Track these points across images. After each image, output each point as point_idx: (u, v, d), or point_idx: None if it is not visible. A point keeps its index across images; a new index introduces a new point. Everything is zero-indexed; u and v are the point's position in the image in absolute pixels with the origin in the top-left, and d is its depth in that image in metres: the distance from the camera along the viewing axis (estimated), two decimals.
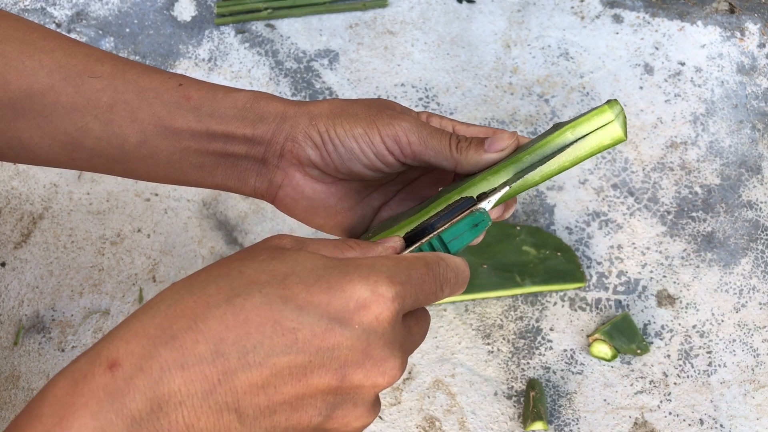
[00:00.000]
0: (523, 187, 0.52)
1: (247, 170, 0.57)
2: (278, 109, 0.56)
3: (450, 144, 0.54)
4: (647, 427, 0.74)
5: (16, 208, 0.81)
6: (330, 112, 0.55)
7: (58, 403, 0.39)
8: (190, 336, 0.40)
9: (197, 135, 0.56)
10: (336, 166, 0.55)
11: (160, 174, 0.58)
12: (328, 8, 0.91)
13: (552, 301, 0.79)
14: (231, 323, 0.40)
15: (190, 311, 0.41)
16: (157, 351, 0.40)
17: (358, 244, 0.47)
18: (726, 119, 0.87)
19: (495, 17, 0.91)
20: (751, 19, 0.92)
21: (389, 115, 0.55)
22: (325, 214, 0.58)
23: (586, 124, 0.50)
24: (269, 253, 0.44)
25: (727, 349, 0.77)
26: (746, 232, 0.82)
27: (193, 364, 0.40)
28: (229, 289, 0.41)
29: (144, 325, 0.41)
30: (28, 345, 0.76)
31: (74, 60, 0.56)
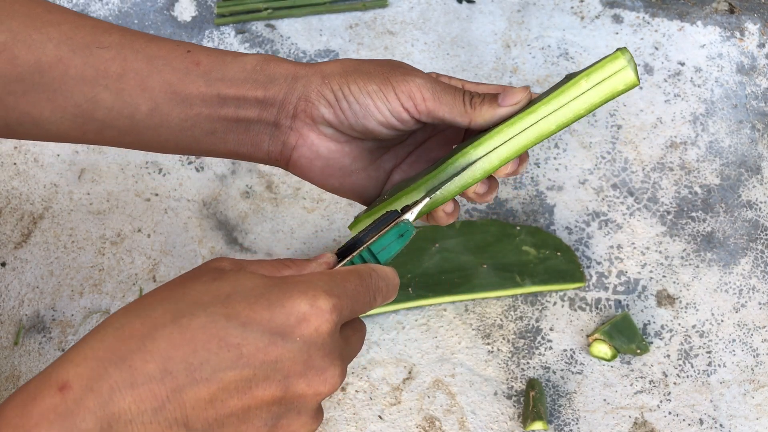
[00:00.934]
0: (541, 136, 0.53)
1: (260, 134, 0.57)
2: (289, 70, 0.56)
3: (464, 100, 0.55)
4: (647, 426, 0.74)
5: (16, 208, 0.82)
6: (342, 70, 0.56)
7: (9, 425, 0.40)
8: (138, 356, 0.41)
9: (208, 100, 0.56)
10: (350, 124, 0.56)
11: (171, 143, 0.57)
12: (328, 8, 0.91)
13: (552, 301, 0.79)
14: (178, 342, 0.42)
15: (138, 333, 0.42)
16: (107, 372, 0.41)
17: (293, 262, 0.50)
18: (726, 119, 0.87)
19: (495, 17, 0.91)
20: (751, 20, 0.92)
21: (402, 72, 0.55)
22: (341, 174, 0.58)
23: (600, 71, 0.51)
24: (211, 275, 0.46)
25: (727, 349, 0.77)
26: (746, 232, 0.82)
27: (142, 383, 0.41)
28: (175, 310, 0.43)
29: (93, 348, 0.42)
30: (29, 345, 0.76)
31: (82, 32, 0.56)
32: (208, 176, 0.83)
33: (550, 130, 0.53)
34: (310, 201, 0.82)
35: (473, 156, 0.54)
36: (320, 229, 0.81)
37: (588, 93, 0.51)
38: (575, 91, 0.52)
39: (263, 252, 0.80)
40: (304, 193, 0.83)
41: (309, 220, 0.82)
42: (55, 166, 0.83)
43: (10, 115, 0.56)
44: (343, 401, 0.74)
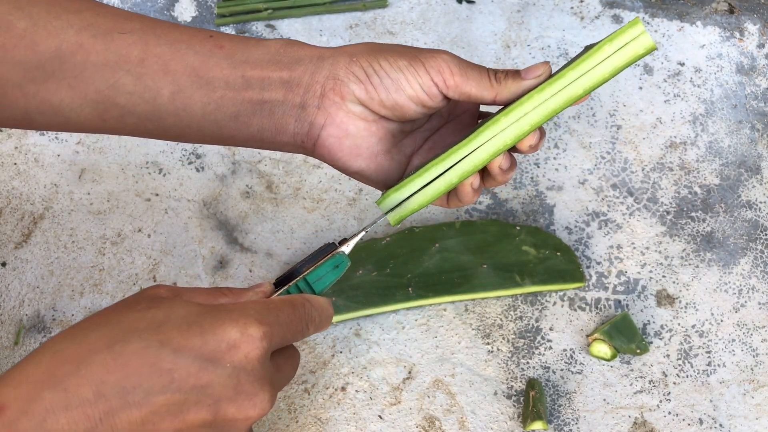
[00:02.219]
0: (570, 100, 0.56)
1: (286, 116, 0.57)
2: (313, 52, 0.57)
3: (489, 75, 0.57)
4: (647, 426, 0.74)
5: (16, 208, 0.82)
6: (369, 49, 0.56)
7: None
8: (73, 380, 0.43)
9: (232, 82, 0.55)
10: (381, 99, 0.56)
11: (193, 129, 0.57)
12: (328, 9, 0.91)
13: (551, 300, 0.79)
14: (112, 367, 0.43)
15: (73, 357, 0.44)
16: (42, 394, 0.42)
17: (230, 291, 0.51)
18: (725, 119, 0.87)
19: (495, 18, 0.91)
20: (751, 20, 0.92)
21: (428, 50, 0.57)
22: (368, 154, 0.58)
23: (621, 37, 0.55)
24: (147, 302, 0.47)
25: (727, 349, 0.77)
26: (745, 232, 0.82)
27: (76, 406, 0.43)
28: (110, 336, 0.44)
29: (30, 371, 0.43)
30: (29, 345, 0.76)
31: (102, 19, 0.55)
32: (209, 176, 0.83)
33: (578, 94, 0.55)
34: (310, 201, 0.82)
35: (504, 123, 0.56)
36: (320, 229, 0.81)
37: (612, 57, 0.55)
38: (600, 56, 0.55)
39: (263, 252, 0.80)
40: (304, 193, 0.83)
41: (309, 220, 0.82)
42: (56, 166, 0.83)
43: (30, 102, 0.55)
44: (343, 401, 0.74)
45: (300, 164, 0.84)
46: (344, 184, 0.83)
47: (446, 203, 0.60)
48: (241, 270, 0.80)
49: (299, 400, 0.74)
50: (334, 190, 0.83)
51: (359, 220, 0.82)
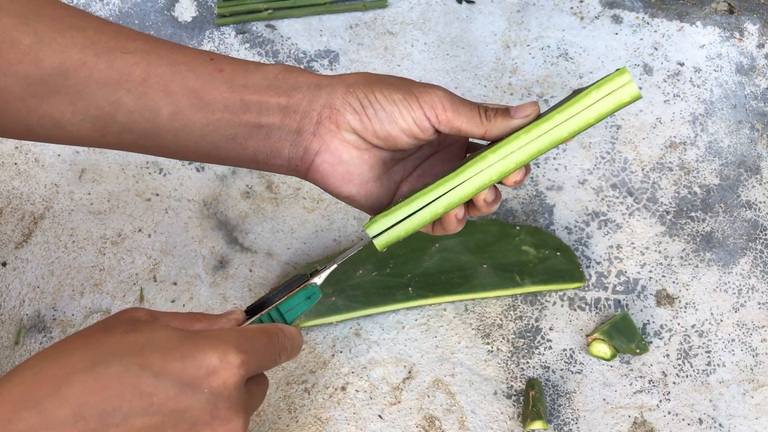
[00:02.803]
0: (555, 142, 0.58)
1: (281, 141, 0.59)
2: (311, 80, 0.58)
3: (480, 112, 0.58)
4: (646, 426, 0.74)
5: (17, 208, 0.82)
6: (365, 80, 0.58)
7: None
8: (53, 400, 0.43)
9: (230, 106, 0.57)
10: (375, 130, 0.58)
11: (190, 148, 0.58)
12: (328, 9, 0.91)
13: (551, 300, 0.79)
14: (92, 388, 0.44)
15: (54, 378, 0.44)
16: (21, 414, 0.43)
17: (204, 317, 0.52)
18: (725, 119, 0.87)
19: (494, 18, 0.91)
20: (750, 20, 0.92)
21: (422, 85, 0.59)
22: (359, 181, 0.60)
23: (608, 84, 0.57)
24: (127, 325, 0.48)
25: (726, 349, 0.77)
26: (745, 231, 0.82)
27: (54, 426, 0.43)
28: (92, 357, 0.45)
29: (10, 391, 0.44)
30: (29, 345, 0.76)
31: (106, 36, 0.57)
32: (209, 176, 0.83)
33: (563, 137, 0.57)
34: (310, 201, 0.82)
35: (491, 160, 0.58)
36: (320, 229, 0.81)
37: (598, 103, 0.57)
38: (587, 101, 0.57)
39: (263, 252, 0.80)
40: (304, 193, 0.83)
41: (309, 220, 0.82)
42: (56, 166, 0.83)
43: (32, 116, 0.56)
44: (343, 401, 0.74)
45: None
46: None
47: (431, 230, 0.62)
48: (241, 270, 0.80)
49: (299, 399, 0.74)
50: None
51: (359, 219, 0.82)
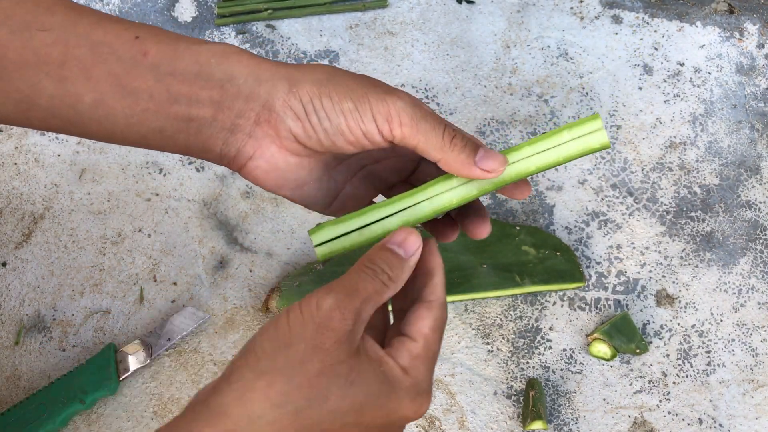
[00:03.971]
0: (520, 174, 0.55)
1: (213, 138, 0.53)
2: (250, 69, 0.51)
3: (444, 134, 0.51)
4: (646, 426, 0.74)
5: (17, 208, 0.82)
6: (315, 79, 0.51)
7: None
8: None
9: (156, 96, 0.51)
10: (319, 139, 0.52)
11: (118, 137, 0.54)
12: (328, 9, 0.91)
13: (551, 300, 0.79)
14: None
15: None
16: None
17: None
18: (725, 119, 0.87)
19: (494, 18, 0.91)
20: (750, 20, 0.92)
21: (383, 90, 0.51)
22: (294, 185, 0.55)
23: (580, 127, 0.55)
24: (346, 366, 0.47)
25: (726, 349, 0.77)
26: (745, 232, 0.82)
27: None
28: (318, 418, 0.46)
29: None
30: (29, 345, 0.76)
31: (21, 9, 0.52)
32: (209, 176, 0.83)
33: (529, 170, 0.54)
34: None
35: (455, 182, 0.54)
36: None
37: (568, 144, 0.55)
38: (557, 140, 0.55)
39: (263, 252, 0.80)
40: None
41: (309, 220, 0.82)
42: (56, 166, 0.83)
43: None
44: None
45: None
46: None
47: None
48: (241, 270, 0.80)
49: None
50: None
51: None
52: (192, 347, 0.77)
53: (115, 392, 0.73)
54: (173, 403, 0.74)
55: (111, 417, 0.74)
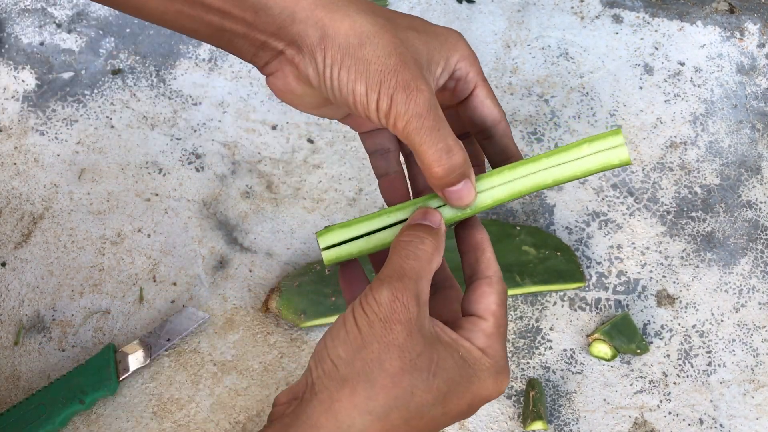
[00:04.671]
0: (536, 186, 0.54)
1: (243, 49, 0.52)
2: (287, 3, 0.49)
3: (439, 153, 0.49)
4: (647, 426, 0.74)
5: (16, 208, 0.82)
6: (344, 42, 0.49)
7: None
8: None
9: (191, 2, 0.50)
10: (332, 96, 0.51)
11: (154, 20, 0.53)
12: None
13: (552, 300, 0.79)
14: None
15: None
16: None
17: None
18: (725, 119, 0.87)
19: (495, 17, 0.91)
20: (751, 20, 0.92)
21: (405, 79, 0.49)
22: (311, 107, 0.55)
23: (601, 141, 0.53)
24: (426, 355, 0.47)
25: (727, 349, 0.77)
26: (746, 232, 0.82)
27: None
28: (407, 414, 0.46)
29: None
30: (29, 345, 0.76)
31: None
32: (208, 176, 0.83)
33: (545, 183, 0.54)
34: (310, 201, 0.82)
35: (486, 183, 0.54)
36: (320, 229, 0.81)
37: (587, 158, 0.53)
38: (577, 153, 0.53)
39: (263, 252, 0.80)
40: (304, 193, 0.83)
41: (309, 220, 0.82)
42: (55, 166, 0.83)
43: None
44: None
45: (300, 164, 0.84)
46: (344, 184, 0.83)
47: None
48: (241, 270, 0.80)
49: None
50: (334, 190, 0.83)
51: None
52: (192, 347, 0.76)
53: (114, 392, 0.73)
54: (173, 404, 0.74)
55: (110, 417, 0.74)
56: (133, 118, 0.86)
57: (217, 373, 0.75)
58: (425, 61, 0.51)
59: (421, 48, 0.51)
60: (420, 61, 0.50)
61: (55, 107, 0.86)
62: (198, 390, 0.75)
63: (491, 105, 0.54)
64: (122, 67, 0.88)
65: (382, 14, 0.51)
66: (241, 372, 0.75)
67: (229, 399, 0.74)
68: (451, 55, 0.52)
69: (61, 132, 0.85)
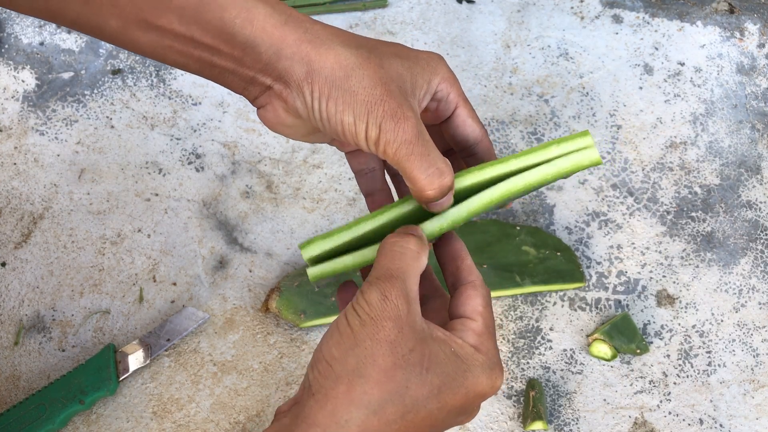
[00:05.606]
0: (510, 192, 0.54)
1: (233, 83, 0.54)
2: (273, 40, 0.51)
3: (426, 179, 0.51)
4: (647, 426, 0.74)
5: (16, 208, 0.82)
6: (330, 75, 0.51)
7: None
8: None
9: (181, 38, 0.52)
10: (317, 127, 0.53)
11: (146, 54, 0.55)
12: (328, 9, 0.91)
13: (552, 300, 0.79)
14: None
15: (374, 427, 0.47)
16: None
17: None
18: (725, 119, 0.87)
19: (495, 17, 0.91)
20: (751, 20, 0.92)
21: (392, 108, 0.51)
22: (302, 135, 0.56)
23: (570, 142, 0.53)
24: (419, 353, 0.48)
25: (727, 349, 0.77)
26: (746, 232, 0.82)
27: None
28: (403, 408, 0.47)
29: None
30: (29, 345, 0.76)
31: None
32: (208, 176, 0.83)
33: (517, 188, 0.53)
34: (310, 201, 0.82)
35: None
36: (320, 229, 0.81)
37: (557, 160, 0.53)
38: (545, 154, 0.53)
39: (263, 252, 0.80)
40: (304, 193, 0.83)
41: (309, 220, 0.82)
42: (55, 166, 0.83)
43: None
44: None
45: (300, 164, 0.84)
46: (344, 184, 0.83)
47: None
48: (241, 270, 0.80)
49: None
50: (334, 190, 0.83)
51: None
52: (191, 347, 0.76)
53: (114, 392, 0.73)
54: (173, 404, 0.74)
55: (110, 417, 0.74)
56: (133, 118, 0.86)
57: (217, 373, 0.75)
58: (409, 87, 0.53)
59: (404, 74, 0.52)
60: (404, 87, 0.52)
61: (55, 107, 0.86)
62: (198, 390, 0.75)
63: (473, 124, 0.56)
64: (122, 67, 0.88)
65: (365, 45, 0.52)
66: (241, 372, 0.75)
67: (229, 399, 0.74)
68: (433, 78, 0.54)
69: (61, 132, 0.85)
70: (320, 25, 0.52)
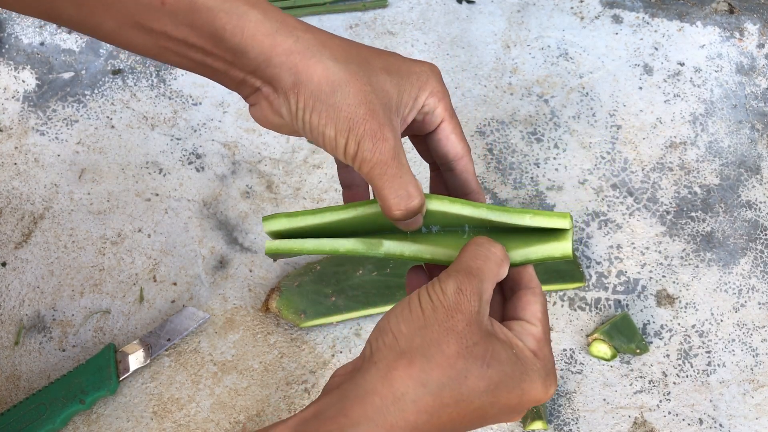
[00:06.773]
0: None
1: (226, 82, 0.55)
2: (262, 48, 0.52)
3: (397, 199, 0.53)
4: (646, 426, 0.74)
5: (16, 208, 0.82)
6: (316, 89, 0.52)
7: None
8: (429, 424, 0.49)
9: (174, 40, 0.53)
10: (300, 133, 0.55)
11: (142, 54, 0.56)
12: (328, 9, 0.91)
13: (551, 300, 0.79)
14: (456, 417, 0.50)
15: (429, 408, 0.49)
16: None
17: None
18: (725, 119, 0.87)
19: (495, 18, 0.91)
20: (750, 20, 0.92)
21: (372, 128, 0.52)
22: (287, 132, 0.57)
23: (545, 218, 0.53)
24: (482, 349, 0.49)
25: (727, 349, 0.77)
26: (745, 232, 0.82)
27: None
28: (458, 395, 0.49)
29: (397, 420, 0.48)
30: (29, 345, 0.76)
31: None
32: (209, 176, 0.83)
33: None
34: (310, 201, 0.82)
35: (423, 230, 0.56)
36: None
37: (531, 248, 0.54)
38: (516, 219, 0.54)
39: (263, 252, 0.80)
40: (304, 193, 0.83)
41: None
42: (56, 166, 0.83)
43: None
44: None
45: (300, 164, 0.84)
46: None
47: None
48: (241, 270, 0.80)
49: (299, 399, 0.74)
50: (334, 190, 0.83)
51: None
52: (192, 347, 0.76)
53: (114, 392, 0.73)
54: (173, 403, 0.74)
55: (111, 417, 0.74)
56: (133, 118, 0.86)
57: (217, 373, 0.75)
58: (394, 104, 0.54)
59: (391, 91, 0.54)
60: (389, 104, 0.53)
61: (55, 107, 0.86)
62: (198, 390, 0.75)
63: (455, 140, 0.57)
64: (122, 67, 0.88)
65: (355, 59, 0.53)
66: (241, 372, 0.76)
67: (229, 399, 0.75)
68: (420, 94, 0.55)
69: (62, 132, 0.85)
70: (312, 34, 0.53)
